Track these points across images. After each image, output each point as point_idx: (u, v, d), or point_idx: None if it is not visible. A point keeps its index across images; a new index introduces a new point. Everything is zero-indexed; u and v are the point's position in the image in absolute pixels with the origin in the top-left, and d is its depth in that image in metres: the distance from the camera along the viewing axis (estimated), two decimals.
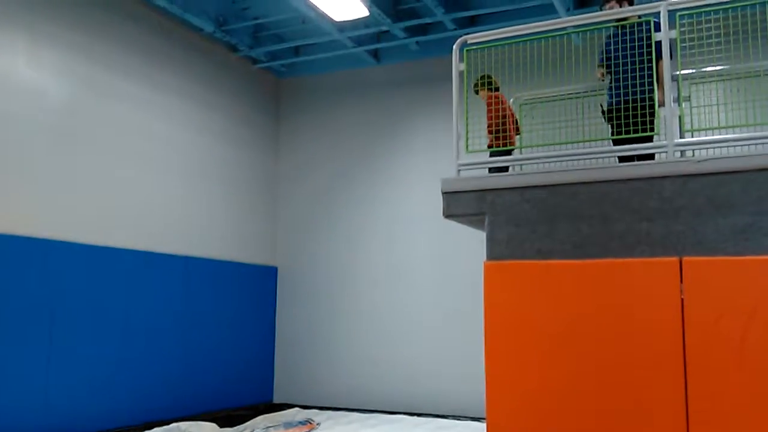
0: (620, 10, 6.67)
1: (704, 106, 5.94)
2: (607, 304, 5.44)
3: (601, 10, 6.97)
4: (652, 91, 6.10)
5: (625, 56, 6.39)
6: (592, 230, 5.67)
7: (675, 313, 5.19)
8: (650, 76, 6.15)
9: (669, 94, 5.79)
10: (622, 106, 6.19)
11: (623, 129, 6.06)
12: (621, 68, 6.42)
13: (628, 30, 6.44)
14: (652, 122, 6.01)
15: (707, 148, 5.74)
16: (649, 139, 5.97)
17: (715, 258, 5.20)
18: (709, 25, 5.65)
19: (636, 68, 6.27)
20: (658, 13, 5.85)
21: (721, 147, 5.70)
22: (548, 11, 10.90)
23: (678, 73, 5.86)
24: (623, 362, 5.32)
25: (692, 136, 5.89)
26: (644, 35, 6.27)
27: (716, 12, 5.65)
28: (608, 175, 5.69)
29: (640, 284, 5.36)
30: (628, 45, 6.33)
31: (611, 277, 5.48)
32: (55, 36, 10.11)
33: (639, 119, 5.97)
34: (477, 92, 7.40)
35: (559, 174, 5.90)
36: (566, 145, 6.28)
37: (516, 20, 10.96)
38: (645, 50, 6.26)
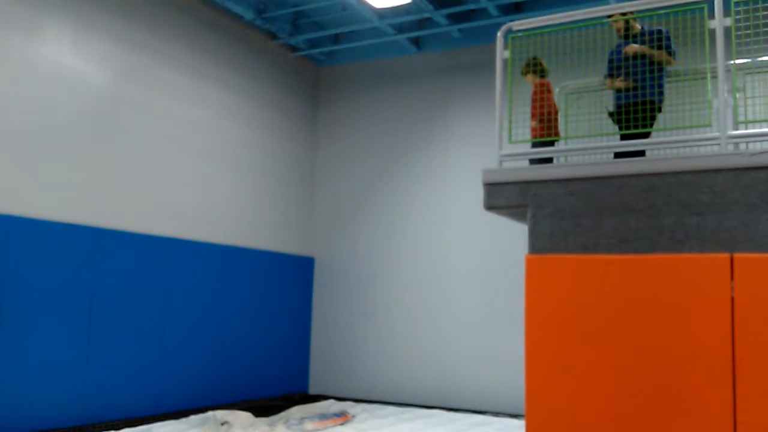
0: None
1: (759, 96, 5.73)
2: (653, 301, 5.26)
3: None
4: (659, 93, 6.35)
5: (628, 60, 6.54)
6: (639, 224, 5.50)
7: (725, 311, 5.02)
8: (652, 78, 6.32)
9: (723, 85, 5.57)
10: (631, 105, 6.24)
11: (632, 126, 6.14)
12: (624, 71, 6.56)
13: (630, 38, 6.65)
14: (653, 119, 6.25)
15: (762, 141, 5.52)
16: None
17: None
18: (766, 12, 5.43)
19: (639, 70, 6.39)
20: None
21: None
22: None
23: (732, 62, 5.64)
24: (669, 362, 5.14)
25: (746, 128, 5.67)
26: (646, 38, 6.50)
27: None
28: (657, 167, 5.50)
29: (689, 281, 5.18)
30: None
31: (658, 273, 5.29)
32: (99, 24, 10.15)
33: (645, 115, 6.11)
34: (524, 74, 7.21)
35: (605, 166, 5.73)
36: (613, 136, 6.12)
37: (563, 7, 10.79)
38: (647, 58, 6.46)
